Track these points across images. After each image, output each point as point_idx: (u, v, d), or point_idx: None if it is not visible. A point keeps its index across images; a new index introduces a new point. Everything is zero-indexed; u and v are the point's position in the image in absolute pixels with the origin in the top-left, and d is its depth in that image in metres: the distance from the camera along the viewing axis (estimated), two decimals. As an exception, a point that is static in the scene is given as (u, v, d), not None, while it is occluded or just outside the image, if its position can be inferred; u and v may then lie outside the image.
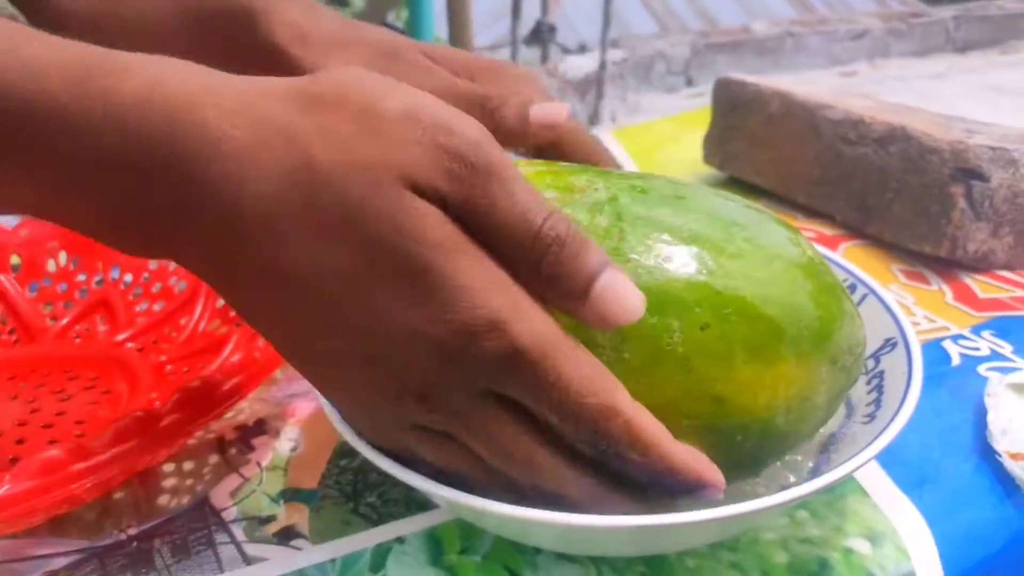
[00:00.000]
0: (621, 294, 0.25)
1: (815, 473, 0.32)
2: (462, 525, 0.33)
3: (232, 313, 0.45)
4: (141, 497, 0.35)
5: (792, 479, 0.33)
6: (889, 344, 0.35)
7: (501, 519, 0.28)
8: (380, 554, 0.32)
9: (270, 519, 0.34)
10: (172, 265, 0.49)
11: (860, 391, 0.35)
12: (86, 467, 0.29)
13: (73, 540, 0.33)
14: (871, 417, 0.32)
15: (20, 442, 0.38)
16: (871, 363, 0.35)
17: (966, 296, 0.49)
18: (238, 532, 0.33)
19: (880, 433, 0.29)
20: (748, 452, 0.28)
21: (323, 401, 0.31)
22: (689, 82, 1.45)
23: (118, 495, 0.35)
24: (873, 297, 0.37)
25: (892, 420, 0.29)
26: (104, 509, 0.35)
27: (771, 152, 0.62)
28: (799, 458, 0.34)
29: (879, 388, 0.34)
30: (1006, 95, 1.27)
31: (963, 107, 0.77)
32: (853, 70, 1.47)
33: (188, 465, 0.37)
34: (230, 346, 0.41)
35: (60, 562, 0.32)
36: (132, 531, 0.33)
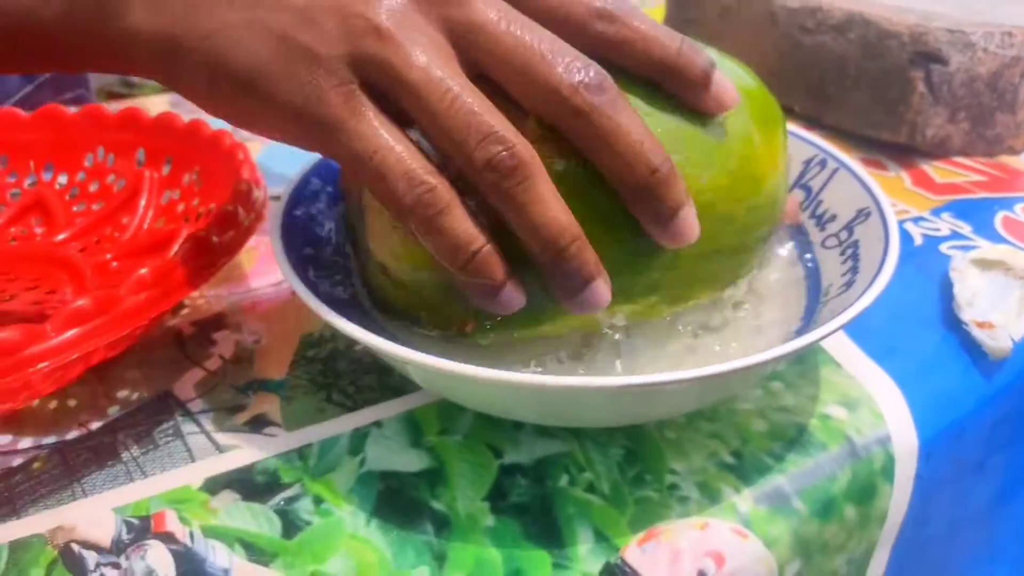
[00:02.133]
0: (728, 83, 0.29)
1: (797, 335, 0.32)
2: (440, 407, 0.33)
3: (179, 209, 0.43)
4: (99, 392, 0.33)
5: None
6: (862, 215, 0.35)
7: (478, 384, 0.27)
8: (358, 438, 0.31)
9: (239, 409, 0.33)
10: (109, 162, 0.46)
11: (834, 265, 0.35)
12: (43, 349, 0.27)
13: (30, 437, 0.31)
14: (848, 285, 0.32)
15: (-40, 342, 0.35)
16: (844, 234, 0.35)
17: (924, 181, 0.50)
18: (206, 422, 0.32)
19: (869, 286, 0.29)
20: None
21: (296, 282, 0.29)
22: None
23: (74, 391, 0.33)
24: (844, 170, 0.37)
25: (877, 276, 0.29)
26: (61, 405, 0.33)
27: (727, 44, 0.61)
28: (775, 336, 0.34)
29: (854, 256, 0.34)
30: (942, 1, 1.27)
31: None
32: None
33: (147, 359, 0.35)
34: (179, 242, 0.39)
35: (18, 459, 0.30)
36: (93, 425, 0.32)
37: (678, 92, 0.28)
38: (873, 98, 0.52)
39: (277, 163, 0.48)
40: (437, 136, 0.26)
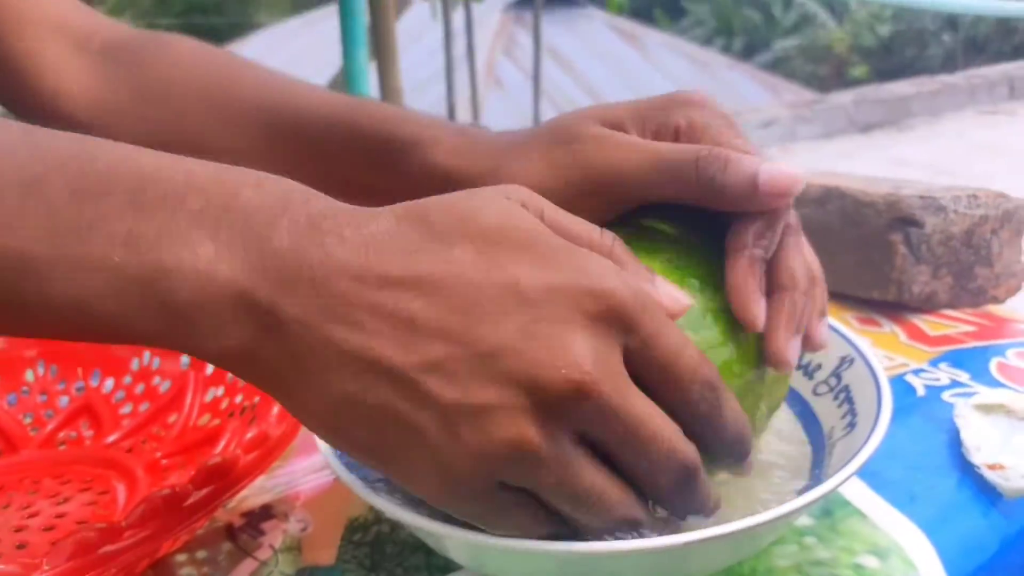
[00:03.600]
0: None
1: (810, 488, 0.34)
2: (487, 583, 0.34)
3: (223, 406, 0.45)
4: (157, 589, 0.35)
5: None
6: (846, 361, 0.38)
7: (514, 556, 0.29)
8: (411, 618, 0.32)
9: (293, 597, 0.34)
10: (155, 365, 0.49)
11: (830, 410, 0.37)
12: (116, 549, 0.28)
13: (91, 637, 0.32)
14: (851, 426, 0.35)
15: (21, 547, 0.37)
16: (833, 381, 0.38)
17: (917, 335, 0.53)
18: (263, 612, 0.33)
19: (874, 426, 0.31)
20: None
21: (339, 469, 0.31)
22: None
23: (132, 589, 0.34)
24: None
25: (878, 416, 0.32)
26: (120, 604, 0.34)
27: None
28: (789, 485, 0.35)
29: (849, 400, 0.36)
30: (911, 167, 1.37)
31: (882, 171, 0.83)
32: (766, 156, 1.56)
33: (201, 554, 0.36)
34: (225, 437, 0.42)
35: (81, 660, 0.31)
36: (153, 622, 0.33)
37: None
38: (858, 261, 0.56)
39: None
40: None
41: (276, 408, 0.35)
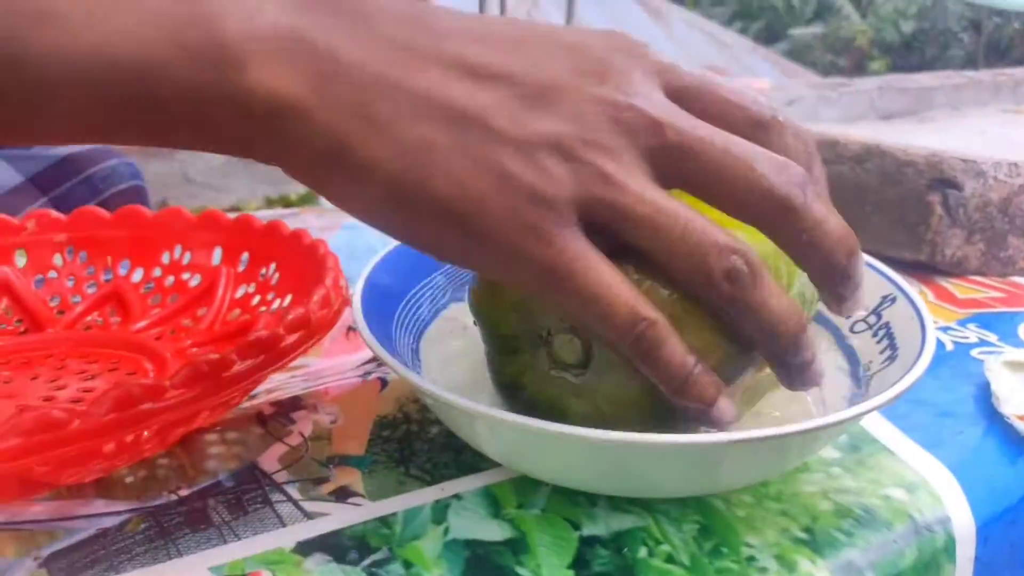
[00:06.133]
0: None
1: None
2: (516, 483, 0.34)
3: (254, 302, 0.45)
4: (187, 463, 0.35)
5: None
6: (888, 300, 0.38)
7: (548, 440, 0.29)
8: (440, 509, 0.32)
9: (323, 480, 0.34)
10: (186, 260, 0.48)
11: (868, 346, 0.37)
12: (157, 407, 0.28)
13: (121, 501, 0.32)
14: (892, 359, 0.35)
15: (51, 415, 0.37)
16: (872, 319, 0.38)
17: (946, 296, 0.53)
18: (293, 492, 0.33)
19: (921, 351, 0.31)
20: None
21: (384, 354, 0.31)
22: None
23: (162, 462, 0.35)
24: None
25: (923, 343, 0.32)
26: (149, 474, 0.34)
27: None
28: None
29: (889, 335, 0.36)
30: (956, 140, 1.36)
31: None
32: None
33: (231, 435, 0.36)
34: (258, 330, 0.41)
35: (112, 521, 0.31)
36: (183, 492, 0.33)
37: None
38: (893, 221, 0.56)
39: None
40: (673, 260, 0.26)
41: (317, 296, 0.35)
